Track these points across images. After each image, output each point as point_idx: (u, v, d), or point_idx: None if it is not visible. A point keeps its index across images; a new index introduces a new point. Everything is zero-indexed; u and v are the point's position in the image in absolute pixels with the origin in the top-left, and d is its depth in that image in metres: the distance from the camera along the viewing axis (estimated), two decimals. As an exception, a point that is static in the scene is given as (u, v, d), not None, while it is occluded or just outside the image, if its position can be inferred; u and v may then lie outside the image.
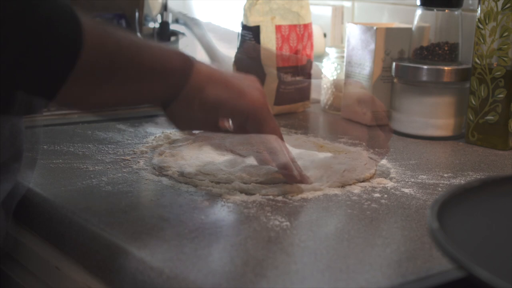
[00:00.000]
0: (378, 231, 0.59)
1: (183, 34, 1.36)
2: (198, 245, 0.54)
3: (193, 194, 0.66)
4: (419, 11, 0.96)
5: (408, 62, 0.96)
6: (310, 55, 1.09)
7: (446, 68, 0.93)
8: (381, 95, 1.01)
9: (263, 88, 0.68)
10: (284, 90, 1.06)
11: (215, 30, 1.35)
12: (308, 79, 1.10)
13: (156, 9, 1.27)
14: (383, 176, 0.75)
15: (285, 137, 0.71)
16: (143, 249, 0.53)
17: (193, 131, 0.75)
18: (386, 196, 0.68)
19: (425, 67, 0.94)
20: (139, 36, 1.06)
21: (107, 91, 0.58)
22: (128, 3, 1.15)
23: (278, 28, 1.04)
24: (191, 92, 0.62)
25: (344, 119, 1.06)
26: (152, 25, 1.33)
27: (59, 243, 0.62)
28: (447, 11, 0.95)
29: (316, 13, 1.19)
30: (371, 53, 1.00)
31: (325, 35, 1.24)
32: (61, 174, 0.71)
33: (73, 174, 0.72)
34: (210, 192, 0.67)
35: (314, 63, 1.11)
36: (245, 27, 1.05)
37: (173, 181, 0.70)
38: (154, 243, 0.54)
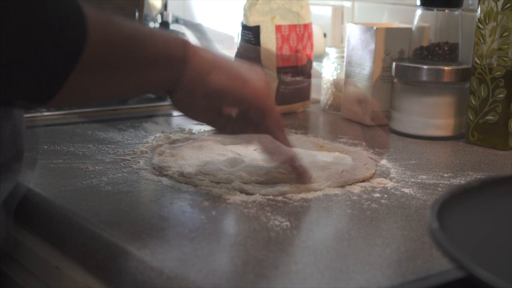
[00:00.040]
0: (378, 231, 0.59)
1: (183, 34, 1.36)
2: (198, 245, 0.54)
3: (193, 194, 0.66)
4: (419, 11, 0.96)
5: (408, 62, 0.96)
6: (310, 55, 1.09)
7: (446, 68, 0.93)
8: (381, 95, 1.01)
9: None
10: (284, 90, 1.06)
11: (215, 34, 1.35)
12: (308, 79, 1.10)
13: (156, 9, 1.27)
14: (383, 176, 0.75)
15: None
16: (143, 249, 0.53)
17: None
18: (386, 196, 0.68)
19: (425, 67, 0.94)
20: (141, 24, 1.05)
21: (111, 81, 0.57)
22: (128, 3, 1.15)
23: (278, 28, 1.04)
24: (194, 79, 0.61)
25: (344, 119, 1.06)
26: (152, 25, 1.33)
27: (59, 243, 0.62)
28: (447, 11, 0.95)
29: (316, 13, 1.19)
30: (371, 53, 1.00)
31: (325, 35, 1.23)
32: (61, 174, 0.71)
33: (73, 174, 0.72)
34: (210, 192, 0.67)
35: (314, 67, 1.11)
36: (245, 27, 1.05)
37: (173, 181, 0.70)
38: (154, 243, 0.54)
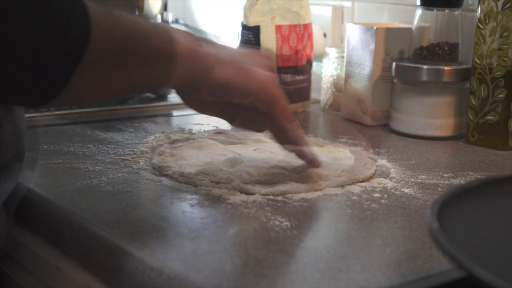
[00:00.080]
0: (378, 231, 0.59)
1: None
2: (198, 245, 0.54)
3: (193, 194, 0.66)
4: (419, 11, 0.96)
5: (408, 62, 0.96)
6: (310, 55, 1.09)
7: (446, 68, 0.93)
8: (381, 95, 1.01)
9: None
10: (284, 90, 1.05)
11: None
12: (308, 79, 1.10)
13: (156, 9, 1.27)
14: (383, 176, 0.75)
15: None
16: (143, 249, 0.53)
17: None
18: (386, 196, 0.68)
19: (425, 67, 0.94)
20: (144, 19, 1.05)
21: (116, 78, 0.56)
22: (128, 3, 1.15)
23: (278, 28, 1.04)
24: (199, 75, 0.61)
25: (344, 119, 1.06)
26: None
27: (59, 243, 0.62)
28: (447, 11, 0.95)
29: (316, 13, 1.19)
30: (371, 53, 1.00)
31: (325, 35, 1.23)
32: (61, 174, 0.71)
33: (73, 174, 0.72)
34: (210, 192, 0.67)
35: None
36: (245, 27, 1.05)
37: (173, 181, 0.70)
38: (154, 243, 0.54)
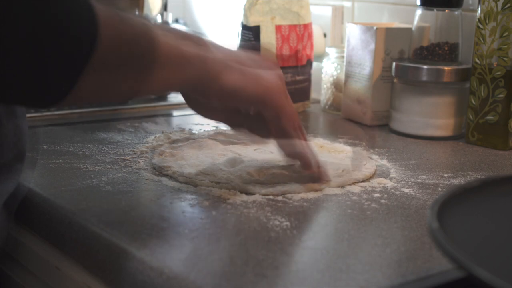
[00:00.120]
0: (378, 231, 0.59)
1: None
2: (198, 245, 0.54)
3: (193, 194, 0.66)
4: (419, 11, 0.96)
5: (408, 62, 0.96)
6: (310, 55, 1.09)
7: (446, 68, 0.93)
8: (381, 95, 1.01)
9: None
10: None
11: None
12: (308, 79, 1.10)
13: (156, 9, 1.27)
14: (383, 176, 0.75)
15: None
16: (143, 249, 0.53)
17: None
18: (386, 196, 0.68)
19: (425, 67, 0.94)
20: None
21: (122, 82, 0.55)
22: (128, 3, 1.15)
23: (278, 28, 1.04)
24: (207, 80, 0.60)
25: (344, 119, 1.06)
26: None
27: (59, 243, 0.62)
28: (447, 11, 0.95)
29: (316, 13, 1.19)
30: (371, 53, 1.00)
31: (325, 35, 1.23)
32: (61, 174, 0.71)
33: (73, 174, 0.72)
34: (210, 192, 0.67)
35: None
36: (245, 27, 1.05)
37: (173, 181, 0.70)
38: (154, 243, 0.54)
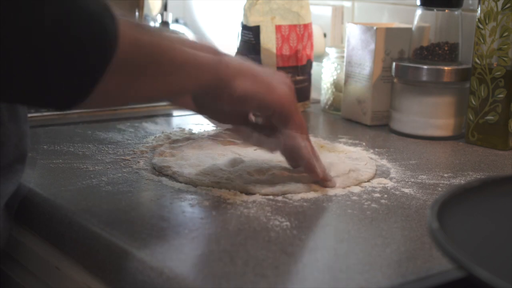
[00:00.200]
0: (378, 231, 0.59)
1: (183, 34, 1.36)
2: (198, 245, 0.54)
3: (193, 194, 0.66)
4: (419, 11, 0.96)
5: (408, 62, 0.96)
6: (310, 55, 1.09)
7: (446, 68, 0.93)
8: (381, 95, 1.01)
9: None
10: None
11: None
12: (308, 79, 1.09)
13: (156, 9, 1.27)
14: (383, 176, 0.75)
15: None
16: (143, 249, 0.53)
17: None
18: (386, 196, 0.68)
19: (425, 67, 0.94)
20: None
21: (139, 87, 0.56)
22: (128, 3, 1.15)
23: (278, 28, 1.04)
24: (220, 85, 0.62)
25: (344, 119, 1.06)
26: (152, 25, 1.33)
27: (59, 243, 0.62)
28: (447, 11, 0.95)
29: (316, 13, 1.19)
30: (371, 53, 1.00)
31: (325, 35, 1.23)
32: (61, 174, 0.71)
33: (73, 174, 0.72)
34: (210, 192, 0.67)
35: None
36: (245, 27, 1.05)
37: (173, 181, 0.70)
38: (154, 243, 0.54)
